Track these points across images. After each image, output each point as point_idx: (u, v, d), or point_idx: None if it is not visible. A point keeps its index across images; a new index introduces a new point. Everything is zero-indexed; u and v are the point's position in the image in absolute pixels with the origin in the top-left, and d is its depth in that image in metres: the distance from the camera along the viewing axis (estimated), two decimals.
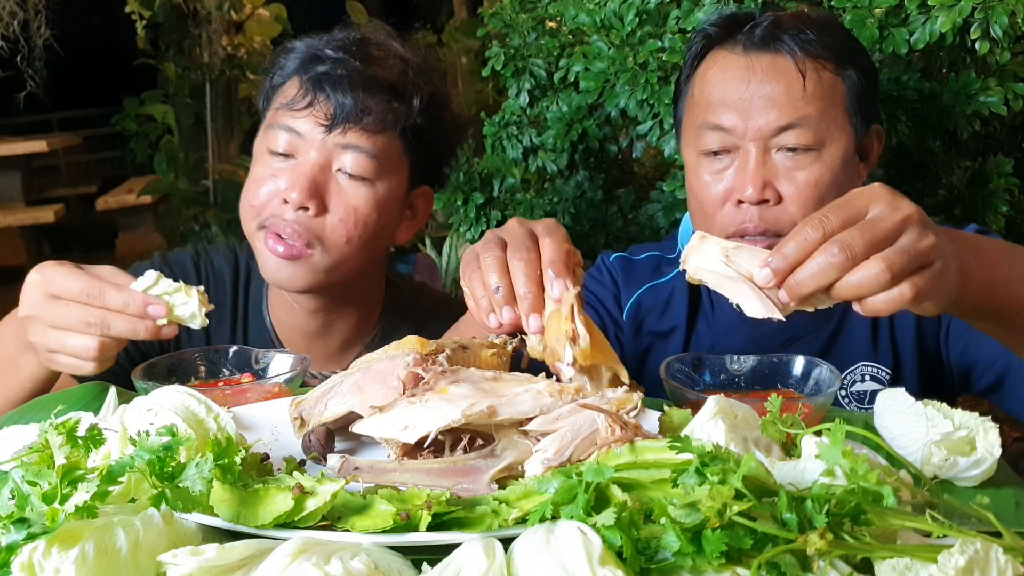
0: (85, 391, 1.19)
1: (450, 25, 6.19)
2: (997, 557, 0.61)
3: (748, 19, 1.38)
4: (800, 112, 1.29)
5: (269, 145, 1.41)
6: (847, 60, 1.34)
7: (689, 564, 0.62)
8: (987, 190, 1.64)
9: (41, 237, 7.11)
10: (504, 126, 2.13)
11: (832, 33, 1.36)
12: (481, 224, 2.17)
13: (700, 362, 1.13)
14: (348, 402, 0.95)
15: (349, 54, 1.40)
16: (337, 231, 1.38)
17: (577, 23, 1.86)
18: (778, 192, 1.31)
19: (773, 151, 1.31)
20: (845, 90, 1.33)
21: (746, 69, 1.32)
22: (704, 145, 1.35)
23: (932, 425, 0.88)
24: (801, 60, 1.31)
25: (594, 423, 0.82)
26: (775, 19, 1.35)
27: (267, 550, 0.67)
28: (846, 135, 1.33)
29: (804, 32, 1.32)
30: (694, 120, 1.38)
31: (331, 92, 1.37)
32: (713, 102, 1.35)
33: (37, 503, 0.69)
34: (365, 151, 1.38)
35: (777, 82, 1.30)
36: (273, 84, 1.47)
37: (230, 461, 0.73)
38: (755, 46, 1.33)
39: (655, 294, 1.52)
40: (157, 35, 5.52)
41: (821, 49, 1.32)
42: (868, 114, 1.37)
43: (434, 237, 3.91)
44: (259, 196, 1.40)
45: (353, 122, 1.36)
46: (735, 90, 1.32)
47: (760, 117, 1.30)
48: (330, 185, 1.38)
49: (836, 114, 1.32)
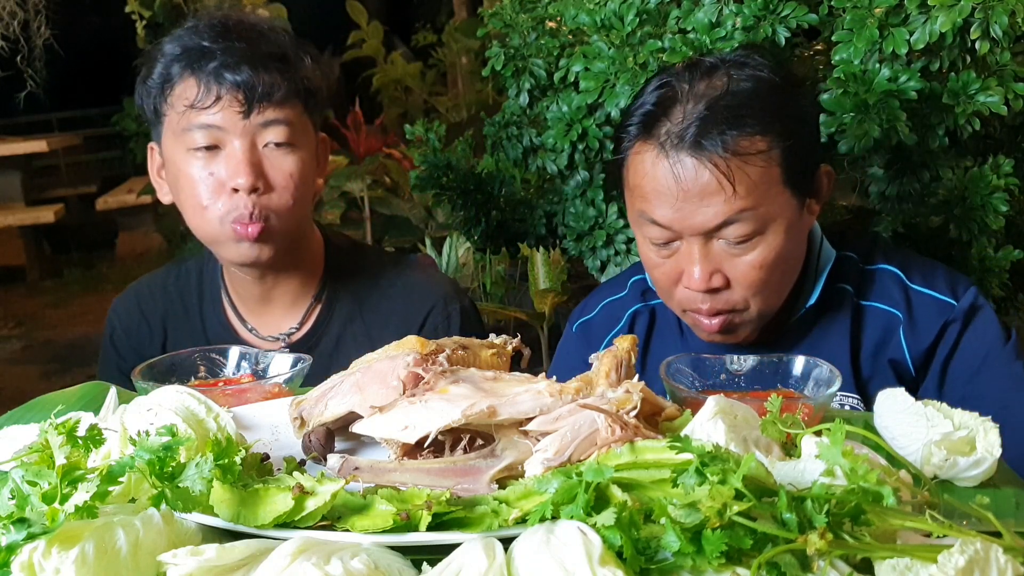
0: (85, 391, 1.19)
1: (450, 25, 6.19)
2: (997, 557, 0.61)
3: (669, 110, 1.28)
4: (735, 208, 1.24)
5: (188, 145, 1.46)
6: (779, 135, 1.26)
7: (689, 564, 0.62)
8: (987, 190, 1.63)
9: (41, 237, 7.12)
10: (504, 126, 2.13)
11: (760, 110, 1.26)
12: (481, 224, 2.17)
13: (700, 362, 1.13)
14: (348, 402, 0.95)
15: (232, 39, 1.46)
16: (284, 199, 1.48)
17: (577, 23, 1.86)
18: (726, 277, 1.29)
19: (715, 240, 1.28)
20: (780, 168, 1.26)
21: (671, 172, 1.26)
22: (646, 234, 1.33)
23: (932, 425, 0.87)
24: (724, 164, 1.23)
25: (594, 423, 0.82)
26: (695, 122, 1.25)
27: (267, 550, 0.67)
28: (789, 207, 1.29)
29: (725, 132, 1.23)
30: (633, 206, 1.35)
31: (235, 79, 1.43)
32: (647, 196, 1.30)
33: (37, 503, 0.69)
34: (283, 122, 1.47)
35: (704, 187, 1.24)
36: (157, 90, 1.49)
37: (230, 461, 0.73)
38: (676, 148, 1.26)
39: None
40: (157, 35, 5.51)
41: (747, 140, 1.24)
42: (809, 172, 1.33)
43: (434, 237, 3.92)
44: (204, 194, 1.47)
45: (266, 100, 1.45)
46: (664, 189, 1.27)
47: (694, 217, 1.26)
48: (263, 162, 1.47)
49: (774, 194, 1.27)
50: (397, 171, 4.55)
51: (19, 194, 6.77)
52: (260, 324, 1.63)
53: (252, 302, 1.63)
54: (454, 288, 1.73)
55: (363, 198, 4.24)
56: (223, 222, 1.46)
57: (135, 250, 7.41)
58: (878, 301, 1.40)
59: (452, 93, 6.21)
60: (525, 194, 2.21)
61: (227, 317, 1.65)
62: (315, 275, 1.64)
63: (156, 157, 1.57)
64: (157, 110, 1.50)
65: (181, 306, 1.68)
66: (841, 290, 1.41)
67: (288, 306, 1.63)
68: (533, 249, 2.69)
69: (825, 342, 1.40)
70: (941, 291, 1.38)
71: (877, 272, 1.43)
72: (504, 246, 2.28)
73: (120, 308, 1.73)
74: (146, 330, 1.69)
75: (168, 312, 1.69)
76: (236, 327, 1.64)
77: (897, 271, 1.41)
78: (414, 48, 6.81)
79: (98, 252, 7.58)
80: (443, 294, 1.66)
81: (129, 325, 1.70)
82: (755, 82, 1.29)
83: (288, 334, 1.62)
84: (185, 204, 1.50)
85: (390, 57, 6.07)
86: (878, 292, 1.41)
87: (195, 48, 1.46)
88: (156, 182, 1.59)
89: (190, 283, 1.70)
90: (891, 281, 1.41)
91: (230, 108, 1.43)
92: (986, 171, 1.63)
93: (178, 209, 1.55)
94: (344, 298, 1.64)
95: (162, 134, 1.51)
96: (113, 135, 7.61)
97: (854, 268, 1.43)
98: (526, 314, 3.20)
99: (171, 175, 1.52)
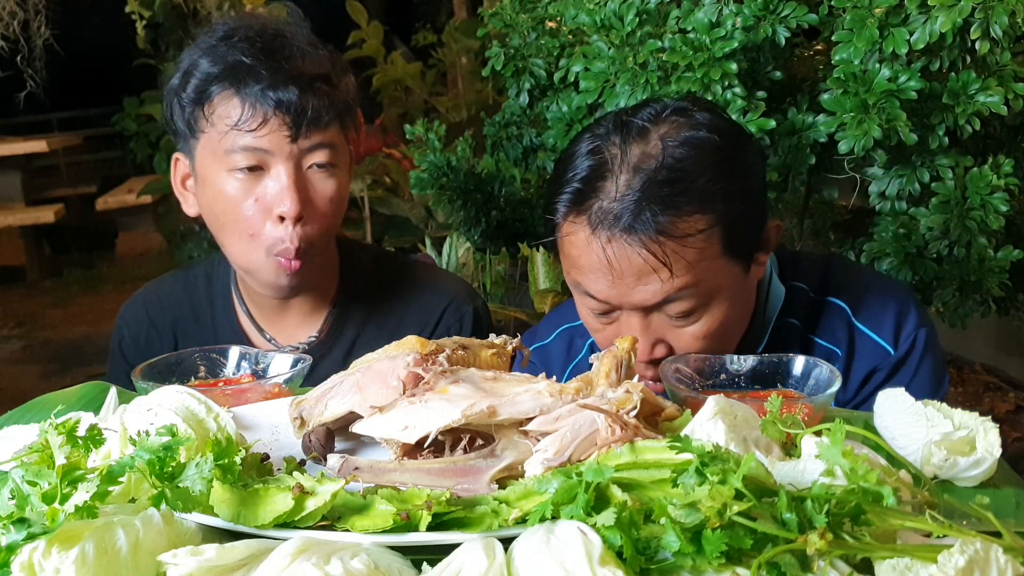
0: (85, 391, 1.19)
1: (450, 25, 6.19)
2: (997, 557, 0.61)
3: (599, 186, 1.20)
4: (674, 287, 1.19)
5: (230, 166, 1.41)
6: (719, 205, 1.18)
7: (689, 564, 0.62)
8: (987, 190, 1.63)
9: (41, 237, 7.12)
10: (504, 126, 2.13)
11: (696, 183, 1.18)
12: (481, 224, 2.17)
13: (700, 362, 1.13)
14: (348, 402, 0.95)
15: (277, 58, 1.40)
16: (324, 225, 1.46)
17: (577, 23, 1.86)
18: (669, 346, 1.25)
19: (656, 313, 1.23)
20: (719, 242, 1.20)
21: (603, 253, 1.18)
22: (585, 304, 1.28)
23: (932, 425, 0.87)
24: (660, 248, 1.16)
25: (594, 423, 0.82)
26: (632, 206, 1.16)
27: (267, 550, 0.67)
28: (732, 275, 1.24)
29: (659, 215, 1.16)
30: (568, 274, 1.28)
31: (284, 102, 1.38)
32: (582, 270, 1.23)
33: (37, 503, 0.69)
34: (327, 145, 1.43)
35: (640, 270, 1.18)
36: (192, 105, 1.43)
37: (230, 461, 0.73)
38: (608, 229, 1.18)
39: (577, 372, 1.45)
40: (157, 35, 5.51)
41: (683, 221, 1.16)
42: (755, 232, 1.27)
43: (434, 237, 3.91)
44: (248, 221, 1.43)
45: (314, 125, 1.40)
46: (599, 269, 1.20)
47: (632, 296, 1.21)
48: (308, 186, 1.44)
49: (716, 268, 1.21)
50: (397, 171, 4.55)
51: (19, 194, 6.77)
52: (278, 333, 1.61)
53: (270, 311, 1.61)
54: (466, 290, 1.72)
55: (363, 198, 4.23)
56: (268, 254, 1.44)
57: (135, 250, 7.41)
58: (822, 338, 1.38)
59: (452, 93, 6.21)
60: (525, 194, 2.22)
61: (240, 325, 1.63)
62: (332, 281, 1.62)
63: (181, 168, 1.52)
64: (192, 126, 1.44)
65: (191, 313, 1.66)
66: (790, 325, 1.39)
67: (307, 314, 1.61)
68: (533, 249, 2.69)
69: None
70: (884, 335, 1.36)
71: (826, 305, 1.39)
72: (504, 246, 2.28)
73: (128, 315, 1.71)
74: (156, 337, 1.67)
75: (178, 319, 1.67)
76: (251, 335, 1.62)
77: (845, 307, 1.38)
78: (414, 48, 6.81)
79: (98, 252, 7.58)
80: (456, 296, 1.65)
81: (138, 333, 1.68)
82: (692, 149, 1.19)
83: (308, 343, 1.59)
84: (224, 227, 1.46)
85: (390, 57, 6.07)
86: (824, 328, 1.38)
87: (238, 65, 1.39)
88: (180, 193, 1.55)
89: (199, 290, 1.67)
90: (838, 317, 1.38)
91: (278, 132, 1.39)
92: (986, 171, 1.63)
93: (200, 220, 1.51)
94: (358, 302, 1.63)
95: (195, 149, 1.46)
96: (113, 135, 7.61)
97: (803, 300, 1.40)
98: (526, 314, 3.19)
99: (206, 194, 1.47)
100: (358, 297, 1.63)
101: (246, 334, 1.62)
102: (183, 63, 1.46)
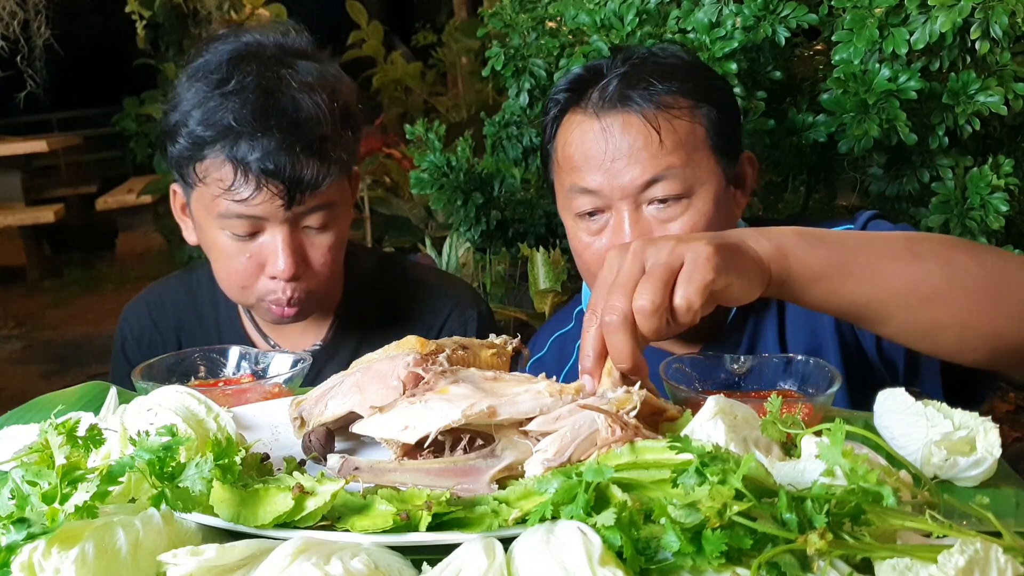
0: (85, 391, 1.19)
1: (450, 25, 6.20)
2: (997, 557, 0.61)
3: (597, 76, 1.36)
4: (662, 164, 1.29)
5: (223, 227, 1.39)
6: (702, 99, 1.33)
7: (689, 564, 0.62)
8: (987, 190, 1.63)
9: (41, 237, 7.13)
10: (504, 126, 2.13)
11: (683, 75, 1.34)
12: (481, 224, 2.17)
13: (700, 362, 1.13)
14: (348, 402, 0.95)
15: (270, 123, 1.32)
16: (322, 275, 1.47)
17: (577, 23, 1.86)
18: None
19: (644, 205, 1.31)
20: (704, 131, 1.32)
21: (600, 131, 1.31)
22: (577, 208, 1.36)
23: (932, 425, 0.87)
24: (652, 115, 1.30)
25: (594, 423, 0.82)
26: (621, 76, 1.33)
27: (267, 550, 0.67)
28: (714, 175, 1.33)
29: (651, 85, 1.31)
30: (563, 184, 1.38)
31: (277, 172, 1.32)
32: (577, 165, 1.34)
33: (37, 503, 0.69)
34: (325, 206, 1.41)
35: (632, 141, 1.29)
36: (184, 157, 1.38)
37: (230, 461, 0.73)
38: (605, 107, 1.32)
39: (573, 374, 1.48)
40: (157, 35, 5.52)
41: (671, 97, 1.31)
42: (733, 145, 1.37)
43: (434, 237, 3.91)
44: (240, 274, 1.42)
45: (311, 191, 1.36)
46: (594, 152, 1.32)
47: (623, 176, 1.30)
48: (304, 243, 1.42)
49: (700, 157, 1.31)
50: (397, 171, 4.55)
51: (19, 194, 6.78)
52: (283, 339, 1.61)
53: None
54: (471, 294, 1.72)
55: (363, 198, 4.24)
56: (260, 301, 1.44)
57: (135, 250, 7.41)
58: None
59: (452, 93, 6.22)
60: (525, 194, 2.22)
61: (245, 330, 1.63)
62: (337, 288, 1.62)
63: (179, 198, 1.50)
64: (185, 177, 1.41)
65: (195, 316, 1.66)
66: None
67: (311, 321, 1.60)
68: (533, 249, 2.69)
69: (761, 339, 1.41)
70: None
71: None
72: (504, 246, 2.28)
73: (131, 318, 1.70)
74: (159, 340, 1.66)
75: (182, 322, 1.66)
76: (256, 341, 1.62)
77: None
78: (414, 48, 6.82)
79: (98, 252, 7.58)
80: (460, 300, 1.65)
81: (141, 335, 1.68)
82: (675, 57, 1.39)
83: (312, 350, 1.59)
84: (218, 271, 1.46)
85: (390, 57, 6.07)
86: None
87: (228, 129, 1.33)
88: (180, 219, 1.53)
89: (203, 293, 1.66)
90: None
91: (271, 201, 1.34)
92: (986, 171, 1.63)
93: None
94: (362, 308, 1.62)
95: (189, 193, 1.44)
96: (113, 135, 7.61)
97: None
98: (526, 314, 3.20)
99: (201, 236, 1.47)
100: (362, 303, 1.62)
101: (251, 340, 1.62)
102: (175, 105, 1.39)
